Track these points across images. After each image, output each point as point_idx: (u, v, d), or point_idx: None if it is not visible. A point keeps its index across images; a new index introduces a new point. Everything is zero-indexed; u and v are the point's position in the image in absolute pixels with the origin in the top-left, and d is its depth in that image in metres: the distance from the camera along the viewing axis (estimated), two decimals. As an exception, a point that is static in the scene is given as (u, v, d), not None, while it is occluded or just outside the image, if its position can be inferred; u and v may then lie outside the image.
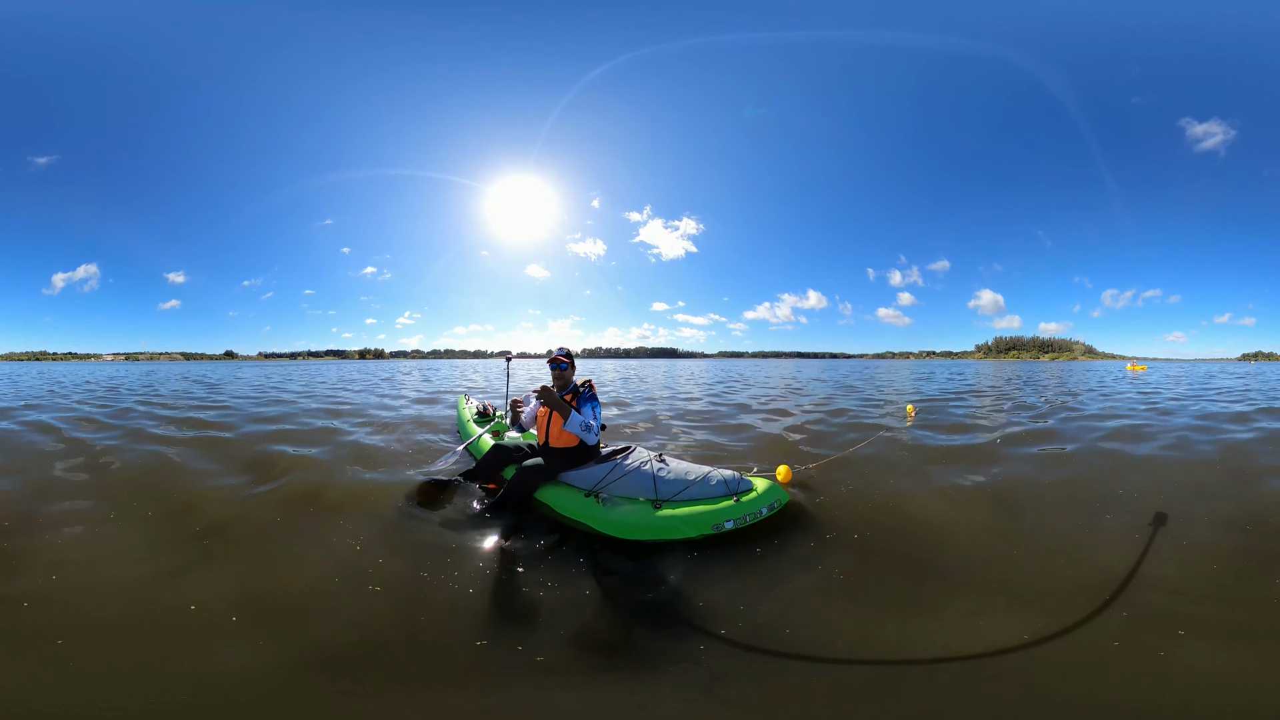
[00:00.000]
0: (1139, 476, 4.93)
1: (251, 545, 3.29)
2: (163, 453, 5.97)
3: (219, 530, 3.50)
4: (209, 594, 2.65)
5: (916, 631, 2.37)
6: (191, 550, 3.18)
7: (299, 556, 3.13)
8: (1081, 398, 13.14)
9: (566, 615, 2.51)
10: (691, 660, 2.18)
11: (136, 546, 3.23)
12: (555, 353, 4.09)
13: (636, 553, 3.19)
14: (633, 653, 2.25)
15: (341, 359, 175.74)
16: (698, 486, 3.61)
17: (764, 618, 2.48)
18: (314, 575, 2.89)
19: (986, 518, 3.82)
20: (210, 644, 2.24)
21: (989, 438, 7.01)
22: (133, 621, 2.39)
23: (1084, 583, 2.77)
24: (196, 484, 4.58)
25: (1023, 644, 2.24)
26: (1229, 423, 8.32)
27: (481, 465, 4.26)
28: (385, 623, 2.43)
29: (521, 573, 2.96)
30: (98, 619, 2.40)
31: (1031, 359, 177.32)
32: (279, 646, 2.23)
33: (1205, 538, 3.36)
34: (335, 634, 2.34)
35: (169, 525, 3.60)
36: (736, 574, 2.92)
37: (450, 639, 2.31)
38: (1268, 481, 4.67)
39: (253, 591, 2.70)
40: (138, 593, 2.66)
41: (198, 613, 2.47)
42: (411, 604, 2.59)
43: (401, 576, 2.86)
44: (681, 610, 2.56)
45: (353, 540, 3.33)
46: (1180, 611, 2.47)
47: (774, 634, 2.35)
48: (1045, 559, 3.10)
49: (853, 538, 3.39)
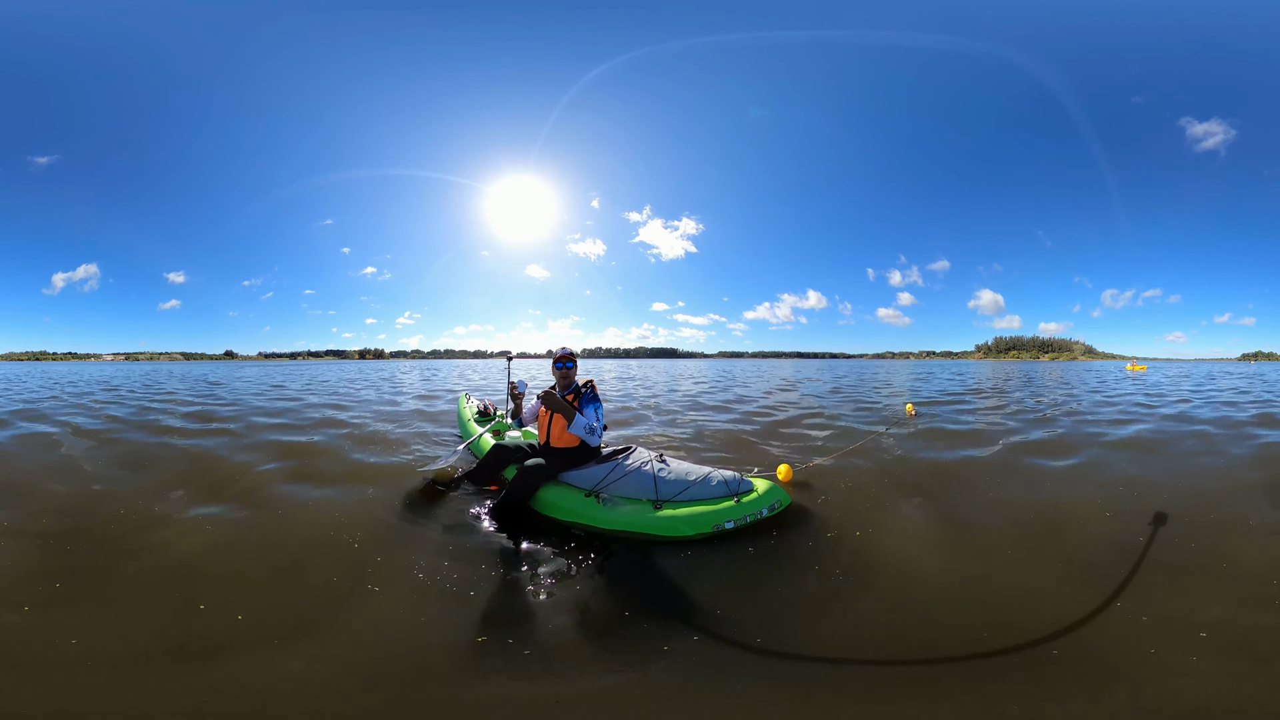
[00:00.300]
0: (1132, 471, 4.93)
1: (250, 546, 3.30)
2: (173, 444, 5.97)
3: (217, 529, 3.50)
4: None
5: (917, 631, 2.37)
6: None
7: (297, 557, 3.14)
8: (1082, 399, 13.15)
9: (567, 615, 2.52)
10: (692, 660, 2.18)
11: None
12: (559, 352, 4.10)
13: (637, 553, 3.20)
14: (633, 652, 2.25)
15: (341, 359, 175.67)
16: (698, 487, 3.62)
17: (765, 617, 2.49)
18: (312, 575, 2.89)
19: (991, 513, 3.82)
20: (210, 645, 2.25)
21: (989, 436, 7.01)
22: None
23: (1089, 577, 2.78)
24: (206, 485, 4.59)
25: (1024, 644, 2.25)
26: (1261, 427, 8.08)
27: (482, 465, 4.26)
28: (384, 622, 2.44)
29: (522, 573, 2.97)
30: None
31: (1031, 359, 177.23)
32: (278, 647, 2.24)
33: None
34: (334, 634, 2.35)
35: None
36: (737, 574, 2.93)
37: (450, 638, 2.31)
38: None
39: (253, 592, 2.71)
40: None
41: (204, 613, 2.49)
42: (411, 603, 2.59)
43: (401, 576, 2.87)
44: (682, 610, 2.57)
45: (350, 539, 3.34)
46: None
47: (774, 633, 2.35)
48: (1046, 560, 3.10)
49: (854, 536, 3.39)
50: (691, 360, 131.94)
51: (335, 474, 4.93)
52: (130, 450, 6.20)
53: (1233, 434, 7.33)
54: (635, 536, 3.36)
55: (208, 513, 3.85)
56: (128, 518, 3.72)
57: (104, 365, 74.35)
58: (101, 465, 5.42)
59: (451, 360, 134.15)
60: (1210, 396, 13.52)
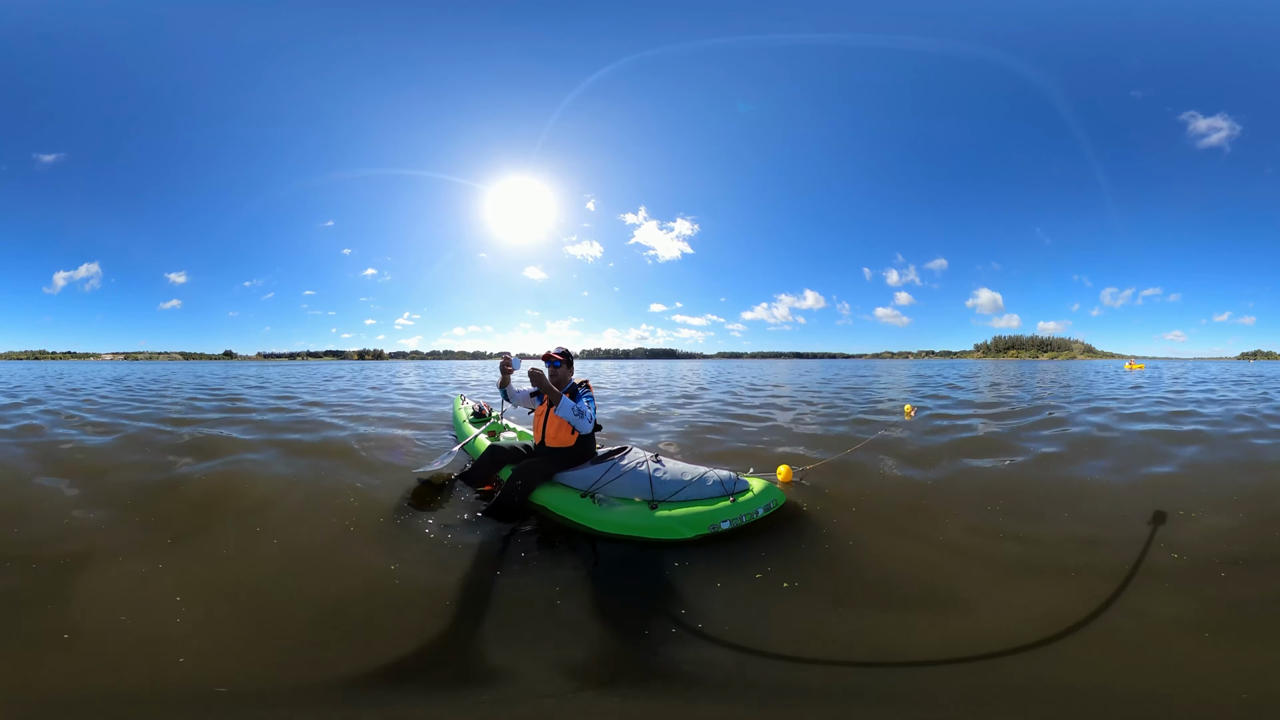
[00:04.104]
0: (1128, 460, 4.92)
1: (246, 547, 3.28)
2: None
3: (211, 534, 3.48)
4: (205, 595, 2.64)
5: (916, 632, 2.35)
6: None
7: (292, 560, 3.11)
8: (1073, 396, 13.14)
9: (562, 617, 2.50)
10: (687, 661, 2.16)
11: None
12: (552, 351, 4.06)
13: (632, 553, 3.18)
14: (628, 654, 2.24)
15: (340, 359, 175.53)
16: (694, 487, 3.60)
17: (760, 619, 2.47)
18: (307, 578, 2.87)
19: (987, 516, 3.81)
20: (206, 645, 2.23)
21: (989, 436, 7.00)
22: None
23: (1095, 577, 2.76)
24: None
25: (1027, 644, 2.23)
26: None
27: (477, 466, 4.24)
28: (378, 625, 2.41)
29: (517, 574, 2.95)
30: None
31: (1030, 358, 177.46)
32: (276, 648, 2.22)
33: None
34: (328, 637, 2.32)
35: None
36: (733, 575, 2.90)
37: (444, 640, 2.30)
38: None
39: (250, 593, 2.69)
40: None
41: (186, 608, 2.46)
42: (405, 606, 2.57)
43: (396, 578, 2.84)
44: (677, 611, 2.55)
45: (346, 541, 3.32)
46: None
47: (770, 635, 2.33)
48: (1047, 559, 3.08)
49: (849, 539, 3.38)
50: (690, 361, 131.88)
51: (329, 475, 4.90)
52: (129, 444, 6.17)
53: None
54: (631, 538, 3.34)
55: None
56: (64, 533, 3.69)
57: (105, 365, 74.20)
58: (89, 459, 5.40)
59: (450, 361, 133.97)
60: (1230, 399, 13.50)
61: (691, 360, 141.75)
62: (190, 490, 4.39)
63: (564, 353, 4.08)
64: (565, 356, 4.07)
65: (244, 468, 5.17)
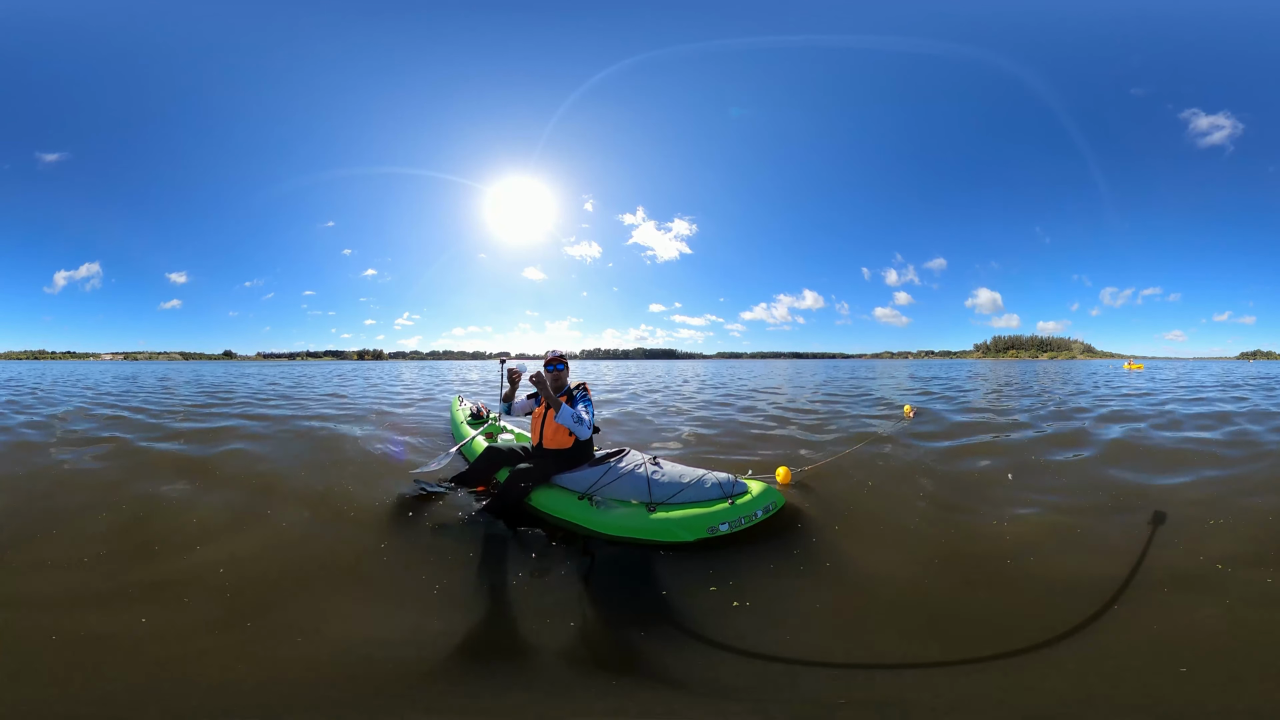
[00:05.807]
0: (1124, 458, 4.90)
1: (241, 550, 3.26)
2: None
3: (206, 542, 3.46)
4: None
5: (916, 632, 2.34)
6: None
7: (286, 561, 3.10)
8: (1073, 396, 13.13)
9: (559, 619, 2.48)
10: (684, 664, 2.15)
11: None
12: (551, 354, 4.06)
13: (630, 556, 3.16)
14: (625, 656, 2.22)
15: (340, 360, 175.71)
16: (692, 489, 3.58)
17: (758, 621, 2.46)
18: (303, 579, 2.86)
19: (986, 516, 3.79)
20: (204, 647, 2.22)
21: (989, 436, 6.99)
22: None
23: (1099, 581, 2.74)
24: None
25: (1027, 646, 2.22)
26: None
27: (475, 468, 4.23)
28: (376, 626, 2.40)
29: (514, 576, 2.94)
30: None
31: (1030, 358, 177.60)
32: (273, 648, 2.21)
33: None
34: (326, 638, 2.31)
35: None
36: (731, 577, 2.89)
37: (442, 642, 2.28)
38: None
39: (248, 593, 2.67)
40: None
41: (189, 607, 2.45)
42: (402, 607, 2.56)
43: (392, 580, 2.83)
44: (675, 614, 2.53)
45: (343, 543, 3.30)
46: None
47: (768, 637, 2.32)
48: (1048, 560, 3.07)
49: (849, 541, 3.36)
50: (690, 361, 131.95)
51: (326, 476, 4.89)
52: (126, 449, 6.16)
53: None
54: (629, 540, 3.32)
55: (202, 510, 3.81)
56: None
57: (102, 364, 74.18)
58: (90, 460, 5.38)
59: (450, 361, 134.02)
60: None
61: (691, 360, 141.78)
62: (184, 490, 4.37)
63: (561, 356, 4.07)
64: (563, 360, 4.07)
65: (244, 467, 5.15)
